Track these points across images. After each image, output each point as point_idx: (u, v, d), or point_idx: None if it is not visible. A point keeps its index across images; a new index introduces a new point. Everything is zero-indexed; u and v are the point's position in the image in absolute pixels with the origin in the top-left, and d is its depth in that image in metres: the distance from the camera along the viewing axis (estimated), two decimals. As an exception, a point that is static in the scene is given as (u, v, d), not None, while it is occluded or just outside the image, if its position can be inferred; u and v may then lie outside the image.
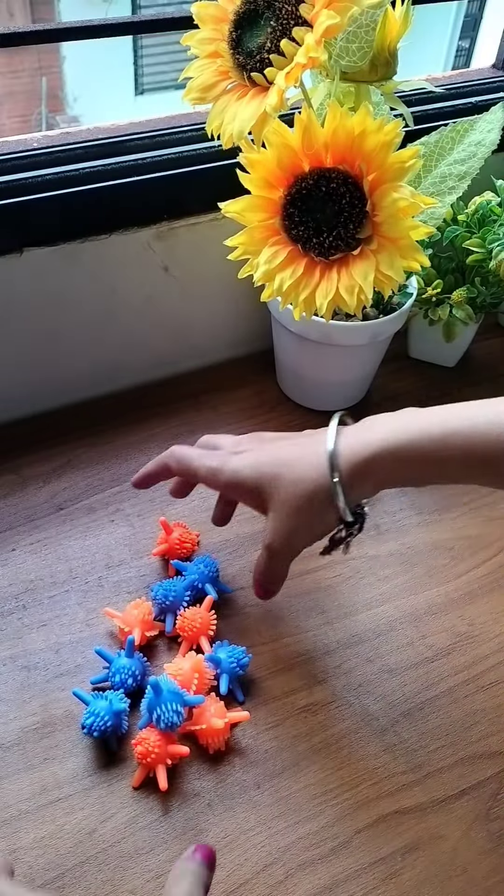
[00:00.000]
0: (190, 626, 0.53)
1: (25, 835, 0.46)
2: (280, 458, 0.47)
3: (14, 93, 3.60)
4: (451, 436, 0.43)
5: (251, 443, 0.51)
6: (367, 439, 0.45)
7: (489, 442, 0.42)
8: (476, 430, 0.43)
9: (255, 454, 0.49)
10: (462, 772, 0.49)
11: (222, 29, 0.53)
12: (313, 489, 0.45)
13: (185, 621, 0.53)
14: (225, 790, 0.48)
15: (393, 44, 0.56)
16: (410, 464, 0.44)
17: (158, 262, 0.70)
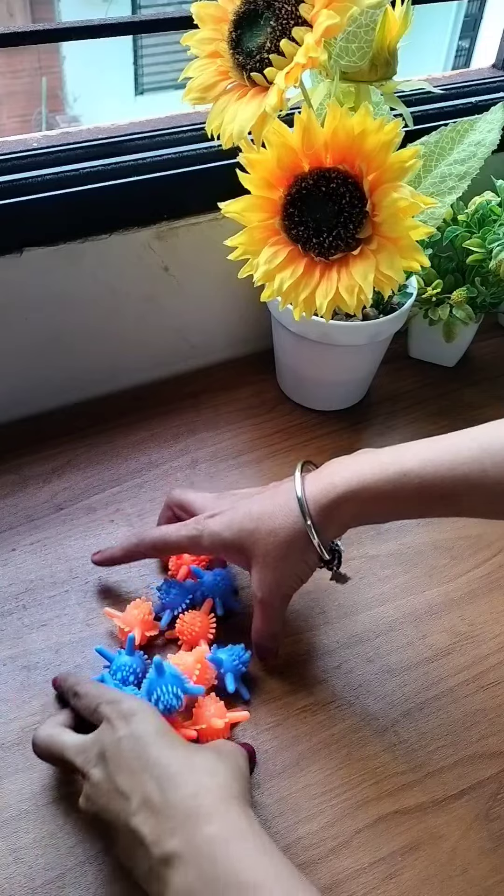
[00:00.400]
0: (189, 629, 0.53)
1: (26, 834, 0.46)
2: (254, 513, 0.50)
3: (14, 93, 3.59)
4: (406, 475, 0.46)
5: (222, 502, 0.53)
6: (331, 483, 0.47)
7: (442, 477, 0.45)
8: (427, 468, 0.45)
9: (230, 514, 0.51)
10: (462, 772, 0.49)
11: (222, 29, 0.53)
12: (291, 536, 0.48)
13: (185, 625, 0.53)
14: (225, 790, 0.48)
15: (393, 44, 0.56)
16: (372, 504, 0.47)
17: (158, 262, 0.70)
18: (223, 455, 0.69)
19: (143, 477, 0.67)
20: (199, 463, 0.68)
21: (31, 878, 0.44)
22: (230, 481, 0.66)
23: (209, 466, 0.68)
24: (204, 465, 0.68)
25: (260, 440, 0.71)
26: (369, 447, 0.71)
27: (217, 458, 0.68)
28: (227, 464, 0.68)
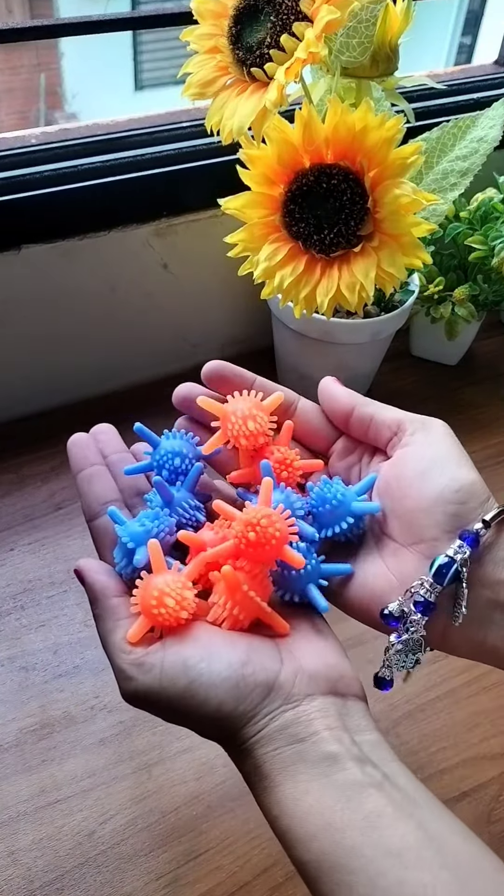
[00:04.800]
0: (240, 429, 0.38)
1: (24, 836, 0.45)
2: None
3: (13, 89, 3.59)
4: None
5: None
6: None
7: None
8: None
9: None
10: (463, 773, 0.49)
11: (222, 24, 0.52)
12: None
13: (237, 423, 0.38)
14: (225, 791, 0.48)
15: (394, 39, 0.56)
16: None
17: (158, 259, 0.69)
18: (223, 454, 0.68)
19: (142, 476, 0.66)
20: (199, 462, 0.68)
21: (29, 881, 0.44)
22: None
23: (209, 465, 0.67)
24: (204, 463, 0.68)
25: (260, 439, 0.70)
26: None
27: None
28: (227, 462, 0.68)
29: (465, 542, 0.33)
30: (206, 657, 0.32)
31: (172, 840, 0.46)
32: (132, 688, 0.32)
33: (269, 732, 0.30)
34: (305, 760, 0.30)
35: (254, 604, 0.34)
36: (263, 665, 0.32)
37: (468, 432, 0.72)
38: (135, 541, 0.34)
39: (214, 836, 0.46)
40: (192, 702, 0.31)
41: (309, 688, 0.32)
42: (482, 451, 0.70)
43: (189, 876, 0.44)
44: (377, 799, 0.29)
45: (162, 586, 0.33)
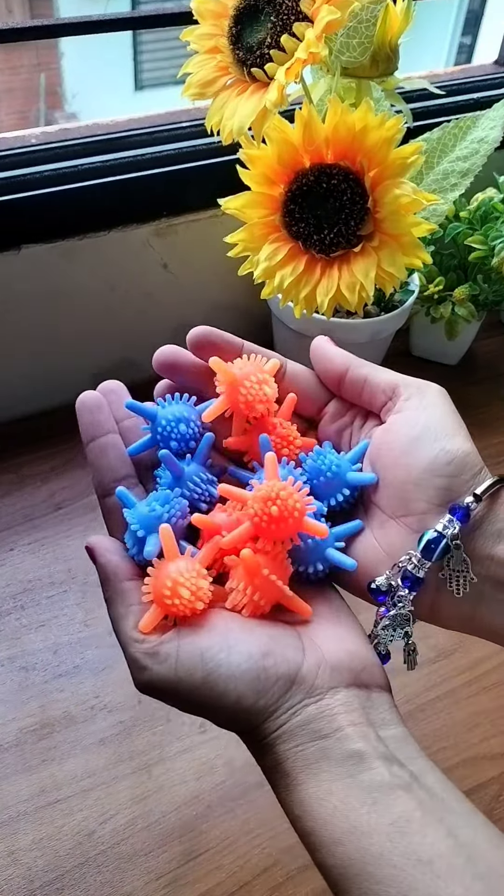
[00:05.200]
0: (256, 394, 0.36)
1: (24, 836, 0.45)
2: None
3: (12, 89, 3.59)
4: None
5: None
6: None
7: None
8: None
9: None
10: (464, 773, 0.49)
11: (222, 24, 0.52)
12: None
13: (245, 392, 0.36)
14: (225, 791, 0.47)
15: (394, 39, 0.56)
16: None
17: (157, 259, 0.69)
18: (223, 454, 0.68)
19: (142, 476, 0.66)
20: (199, 462, 0.68)
21: (29, 880, 0.44)
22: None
23: (209, 465, 0.67)
24: (204, 463, 0.67)
25: (260, 439, 0.70)
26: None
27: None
28: (227, 462, 0.68)
29: (454, 517, 0.32)
30: (225, 647, 0.30)
31: (172, 840, 0.46)
32: (146, 678, 0.30)
33: (290, 728, 0.29)
34: (329, 758, 0.28)
35: (275, 587, 0.32)
36: (285, 656, 0.30)
37: (469, 432, 0.72)
38: (144, 527, 0.32)
39: (214, 836, 0.46)
40: (210, 694, 0.29)
41: (332, 680, 0.30)
42: (483, 450, 0.69)
43: (189, 876, 0.44)
44: (405, 802, 0.27)
45: (175, 575, 0.31)
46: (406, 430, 0.34)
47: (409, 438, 0.34)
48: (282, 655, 0.30)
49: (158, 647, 0.30)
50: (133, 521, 0.32)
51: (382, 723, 0.30)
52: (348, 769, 0.28)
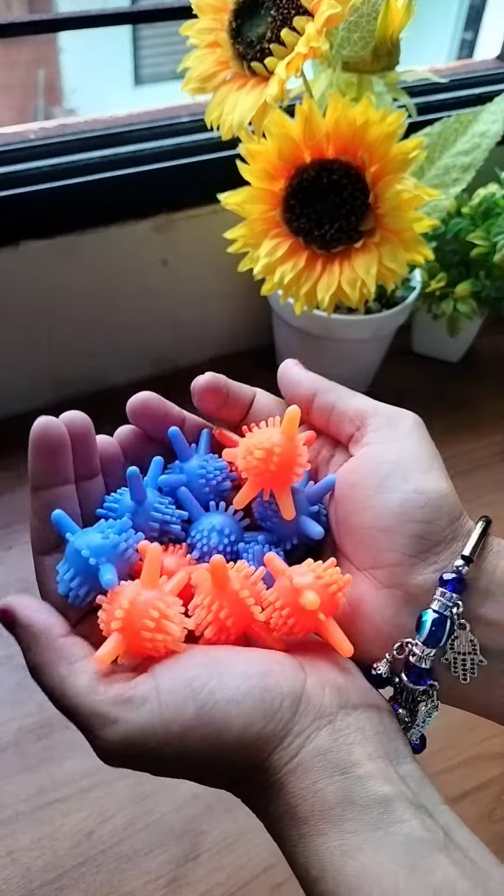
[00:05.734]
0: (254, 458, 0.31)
1: (23, 836, 0.45)
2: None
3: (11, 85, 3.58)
4: None
5: None
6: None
7: None
8: None
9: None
10: (465, 773, 0.49)
11: (222, 18, 0.52)
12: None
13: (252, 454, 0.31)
14: (225, 791, 0.47)
15: (395, 34, 0.55)
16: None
17: (157, 255, 0.69)
18: (223, 451, 0.68)
19: (142, 473, 0.66)
20: (199, 459, 0.67)
21: (28, 880, 0.44)
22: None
23: (209, 463, 0.67)
24: (204, 461, 0.67)
25: (260, 436, 0.70)
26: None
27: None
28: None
29: (447, 590, 0.27)
30: (215, 673, 0.25)
31: (172, 840, 0.45)
32: (120, 733, 0.25)
33: (304, 759, 0.24)
34: (354, 803, 0.23)
35: (245, 608, 0.28)
36: (286, 674, 0.26)
37: (470, 429, 0.72)
38: (96, 555, 0.27)
39: (214, 836, 0.45)
40: (209, 730, 0.24)
41: (340, 698, 0.26)
42: (485, 448, 0.70)
43: (189, 876, 0.44)
44: (447, 868, 0.23)
45: (161, 606, 0.26)
46: (373, 468, 0.30)
47: (377, 477, 0.29)
48: (282, 674, 0.26)
49: (130, 692, 0.25)
50: (84, 548, 0.27)
51: (398, 756, 0.26)
52: (376, 819, 0.23)
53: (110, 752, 0.25)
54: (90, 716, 0.25)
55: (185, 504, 0.32)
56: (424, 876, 0.22)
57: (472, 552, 0.27)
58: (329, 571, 0.28)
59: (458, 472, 0.68)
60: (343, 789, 0.24)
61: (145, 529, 0.30)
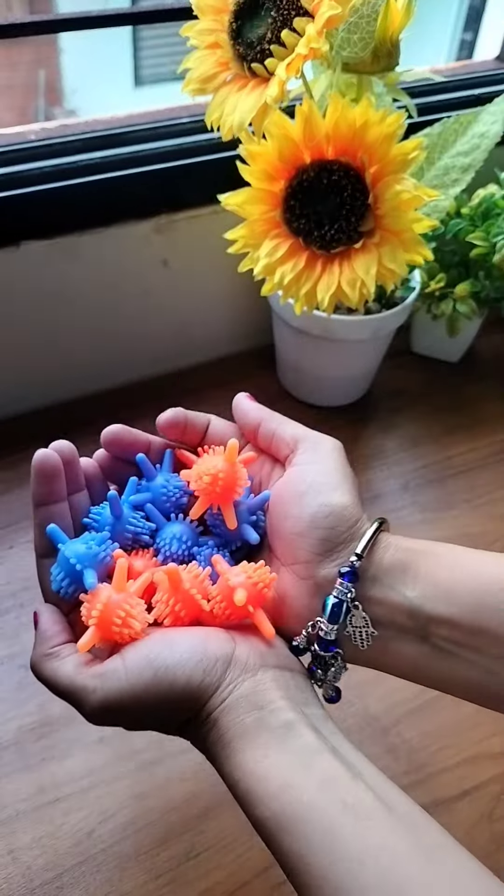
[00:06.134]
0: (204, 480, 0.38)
1: (23, 835, 0.45)
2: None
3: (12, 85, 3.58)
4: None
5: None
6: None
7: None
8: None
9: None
10: (465, 772, 0.49)
11: (222, 19, 0.52)
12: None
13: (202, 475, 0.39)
14: (225, 790, 0.47)
15: (395, 34, 0.56)
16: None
17: (157, 256, 0.69)
18: (223, 451, 0.68)
19: (142, 473, 0.66)
20: (199, 459, 0.67)
21: (29, 879, 0.44)
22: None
23: (209, 463, 0.67)
24: (204, 461, 0.67)
25: (260, 436, 0.70)
26: (371, 444, 0.70)
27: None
28: (227, 460, 0.68)
29: (344, 580, 0.35)
30: (167, 646, 0.34)
31: (172, 839, 0.45)
32: (100, 698, 0.33)
33: (232, 701, 0.33)
34: (265, 727, 0.32)
35: (194, 602, 0.35)
36: (220, 644, 0.34)
37: (470, 429, 0.72)
38: (81, 562, 0.35)
39: (214, 834, 0.46)
40: (162, 686, 0.32)
41: (262, 660, 0.34)
42: (485, 447, 0.70)
43: (189, 875, 0.44)
44: (331, 763, 0.31)
45: (126, 607, 0.34)
46: (296, 485, 0.37)
47: (298, 493, 0.37)
48: (216, 643, 0.34)
49: (104, 668, 0.33)
50: (72, 556, 0.35)
51: (306, 702, 0.34)
52: (281, 735, 0.32)
53: (95, 714, 0.33)
54: (77, 690, 0.33)
55: (151, 516, 0.39)
56: (314, 768, 0.30)
57: (363, 550, 0.35)
58: (259, 572, 0.36)
59: (456, 472, 0.68)
60: (258, 719, 0.32)
61: (122, 537, 0.38)
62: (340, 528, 0.36)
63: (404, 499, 0.65)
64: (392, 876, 0.27)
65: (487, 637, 0.33)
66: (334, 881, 0.27)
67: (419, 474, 0.68)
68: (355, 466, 0.67)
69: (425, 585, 0.34)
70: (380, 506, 0.64)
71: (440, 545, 0.37)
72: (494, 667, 0.33)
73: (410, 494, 0.66)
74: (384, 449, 0.70)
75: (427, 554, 0.36)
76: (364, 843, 0.28)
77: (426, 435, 0.71)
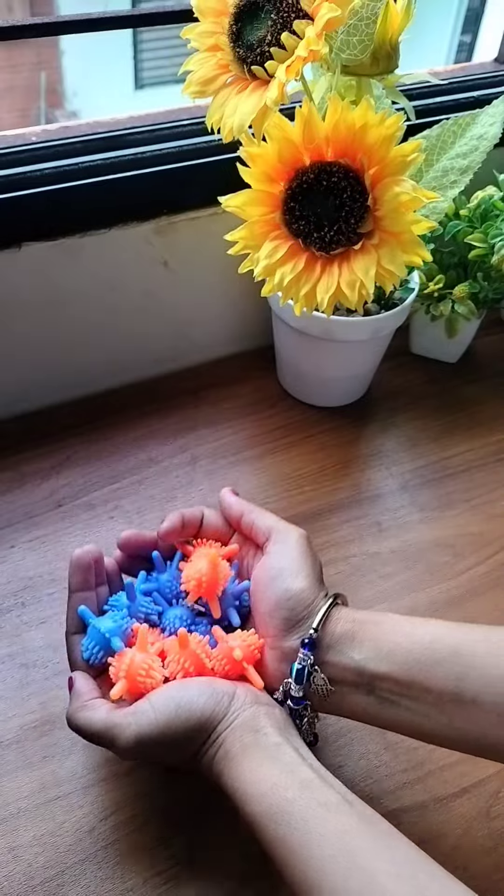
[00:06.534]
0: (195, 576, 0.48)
1: (25, 832, 0.45)
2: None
3: (13, 87, 3.59)
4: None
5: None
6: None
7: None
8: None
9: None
10: (463, 770, 0.49)
11: (222, 22, 0.52)
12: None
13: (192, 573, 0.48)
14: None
15: (394, 37, 0.56)
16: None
17: (158, 257, 0.69)
18: (223, 452, 0.69)
19: (142, 474, 0.66)
20: (199, 460, 0.68)
21: (30, 877, 0.44)
22: (230, 479, 0.66)
23: (209, 463, 0.67)
24: (204, 461, 0.68)
25: (260, 437, 0.70)
26: (370, 444, 0.70)
27: (217, 455, 0.68)
28: (226, 461, 0.68)
29: (304, 650, 0.43)
30: (183, 687, 0.43)
31: (173, 836, 0.46)
32: (134, 732, 0.41)
33: (236, 724, 0.41)
34: (259, 745, 0.40)
35: (199, 659, 0.45)
36: (224, 685, 0.43)
37: (468, 430, 0.72)
38: (110, 631, 0.45)
39: (215, 832, 0.46)
40: (182, 717, 0.41)
41: (256, 699, 0.43)
42: (482, 448, 0.70)
43: (190, 872, 0.44)
44: (308, 772, 0.39)
45: (149, 661, 0.44)
46: (266, 572, 0.47)
47: (267, 579, 0.46)
48: (221, 684, 0.43)
49: (135, 708, 0.42)
50: (102, 627, 0.46)
51: (289, 731, 0.42)
52: (272, 752, 0.40)
53: (129, 748, 0.41)
54: (113, 726, 0.41)
55: (157, 601, 0.49)
56: (296, 775, 0.39)
57: (318, 624, 0.43)
58: (251, 638, 0.46)
59: (455, 472, 0.68)
60: (255, 739, 0.41)
61: (136, 616, 0.48)
62: (298, 608, 0.44)
63: (403, 498, 0.66)
64: (350, 847, 0.36)
65: (419, 688, 0.41)
66: (308, 854, 0.36)
67: (418, 474, 0.68)
68: (355, 466, 0.68)
69: (369, 650, 0.42)
70: (379, 505, 0.65)
71: (381, 615, 0.44)
72: (429, 712, 0.41)
73: (409, 494, 0.66)
74: (383, 449, 0.70)
75: (370, 623, 0.44)
76: (332, 826, 0.36)
77: (425, 435, 0.71)
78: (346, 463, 0.69)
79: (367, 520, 0.63)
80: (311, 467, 0.68)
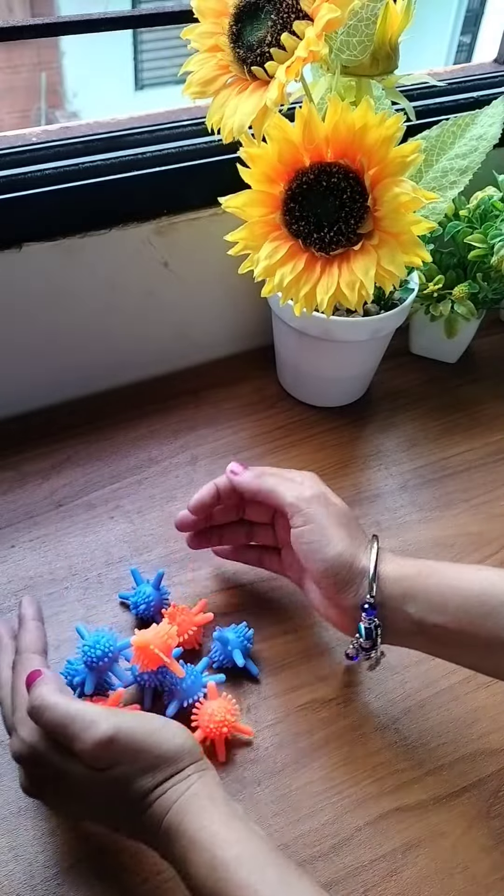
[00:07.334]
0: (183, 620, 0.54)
1: (25, 832, 0.45)
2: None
3: (13, 88, 3.59)
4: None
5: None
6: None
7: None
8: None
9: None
10: (463, 769, 0.49)
11: (222, 23, 0.53)
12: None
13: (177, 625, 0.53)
14: (225, 787, 0.47)
15: (394, 38, 0.56)
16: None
17: (158, 258, 0.70)
18: (223, 452, 0.69)
19: (142, 473, 0.66)
20: (199, 459, 0.68)
21: (30, 875, 0.44)
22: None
23: (209, 463, 0.67)
24: (204, 461, 0.68)
25: (260, 437, 0.70)
26: (370, 444, 0.71)
27: (217, 455, 0.68)
28: (227, 460, 0.68)
29: (367, 615, 0.47)
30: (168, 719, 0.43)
31: (173, 835, 0.46)
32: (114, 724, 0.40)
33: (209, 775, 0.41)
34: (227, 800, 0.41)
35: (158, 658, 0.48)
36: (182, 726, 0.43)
37: (467, 430, 0.72)
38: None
39: (215, 831, 0.46)
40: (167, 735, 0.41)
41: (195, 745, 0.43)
42: (482, 448, 0.70)
43: (189, 871, 0.44)
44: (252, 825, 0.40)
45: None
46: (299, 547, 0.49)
47: (303, 553, 0.49)
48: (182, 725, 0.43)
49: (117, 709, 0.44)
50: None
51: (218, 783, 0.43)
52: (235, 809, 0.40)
53: (99, 742, 0.39)
54: (86, 714, 0.40)
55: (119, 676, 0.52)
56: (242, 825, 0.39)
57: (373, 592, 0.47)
58: (227, 714, 0.49)
59: (454, 472, 0.68)
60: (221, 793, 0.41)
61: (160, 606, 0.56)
62: (343, 572, 0.48)
63: (403, 498, 0.66)
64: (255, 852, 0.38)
65: (470, 637, 0.45)
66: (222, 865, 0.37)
67: (417, 474, 0.68)
68: (354, 466, 0.68)
69: (422, 602, 0.46)
70: (378, 505, 0.65)
71: (429, 566, 0.47)
72: (480, 655, 0.46)
73: (409, 494, 0.66)
74: (383, 449, 0.70)
75: (420, 577, 0.47)
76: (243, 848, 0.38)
77: (424, 435, 0.72)
78: (345, 463, 0.69)
79: (367, 520, 0.64)
80: (310, 467, 0.68)
